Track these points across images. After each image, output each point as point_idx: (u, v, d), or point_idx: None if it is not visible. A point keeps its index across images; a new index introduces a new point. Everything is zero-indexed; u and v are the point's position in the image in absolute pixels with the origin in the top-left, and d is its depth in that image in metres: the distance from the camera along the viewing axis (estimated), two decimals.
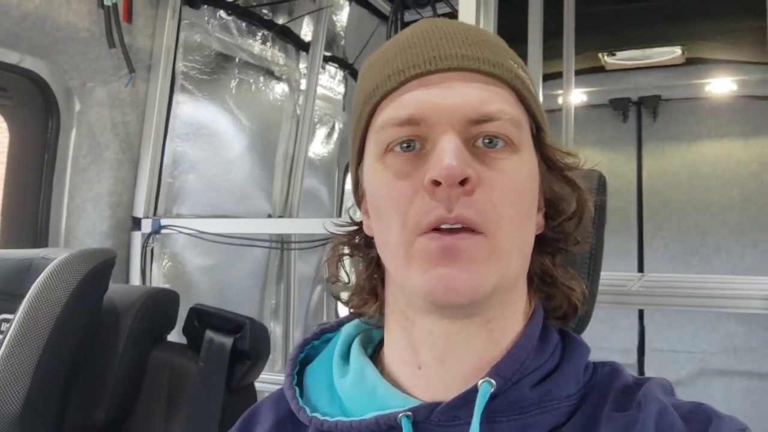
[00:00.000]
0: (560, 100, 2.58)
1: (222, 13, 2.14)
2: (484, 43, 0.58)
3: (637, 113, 3.77)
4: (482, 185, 0.53)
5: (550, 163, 0.61)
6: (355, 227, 0.68)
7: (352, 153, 0.64)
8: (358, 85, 0.64)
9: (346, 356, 0.65)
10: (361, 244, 0.67)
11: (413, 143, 0.56)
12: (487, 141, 0.55)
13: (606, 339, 3.48)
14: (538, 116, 0.60)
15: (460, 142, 0.54)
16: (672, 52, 3.20)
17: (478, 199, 0.53)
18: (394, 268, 0.59)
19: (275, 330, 2.55)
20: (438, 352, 0.58)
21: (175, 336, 1.25)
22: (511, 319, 0.59)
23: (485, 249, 0.53)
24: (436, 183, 0.52)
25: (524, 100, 0.59)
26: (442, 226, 0.53)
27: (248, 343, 1.10)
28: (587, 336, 0.64)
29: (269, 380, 1.54)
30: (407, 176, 0.55)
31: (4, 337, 0.99)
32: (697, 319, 3.58)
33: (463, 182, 0.52)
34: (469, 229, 0.53)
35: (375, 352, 0.66)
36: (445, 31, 0.58)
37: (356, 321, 0.69)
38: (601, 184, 0.73)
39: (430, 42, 0.57)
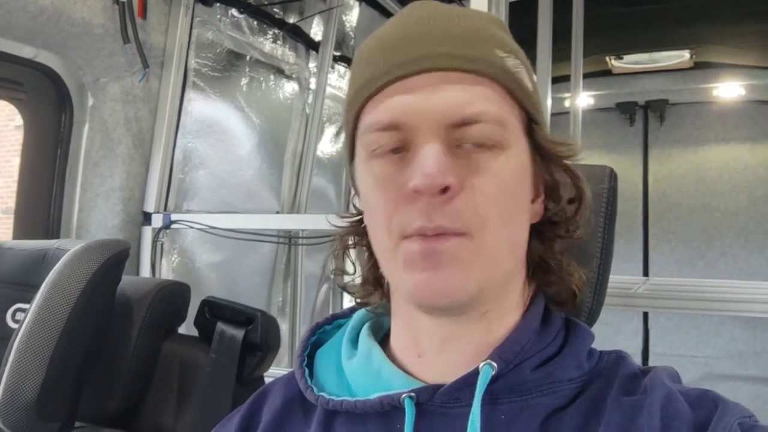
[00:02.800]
0: (567, 103, 2.59)
1: (234, 11, 2.16)
2: (469, 36, 0.57)
3: (644, 117, 3.77)
4: (464, 190, 0.54)
5: (543, 154, 0.61)
6: (359, 217, 0.68)
7: (346, 150, 0.64)
8: (349, 79, 0.64)
9: (355, 340, 0.66)
10: (364, 234, 0.67)
11: (397, 148, 0.56)
12: (471, 143, 0.55)
13: (610, 342, 3.46)
14: (530, 106, 0.59)
15: (441, 148, 0.53)
16: (680, 56, 3.20)
17: (459, 206, 0.53)
18: (383, 267, 0.60)
19: (282, 326, 2.56)
20: (436, 344, 0.60)
21: (185, 329, 1.26)
22: (509, 309, 0.60)
23: (470, 249, 0.54)
24: (418, 191, 0.53)
25: (512, 92, 0.57)
26: (426, 234, 0.54)
27: (259, 336, 1.11)
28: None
29: (277, 374, 1.55)
30: (391, 182, 0.55)
31: (20, 327, 1.00)
32: (702, 324, 3.57)
33: (444, 190, 0.52)
34: (451, 233, 0.54)
35: (384, 337, 0.67)
36: (428, 25, 0.57)
37: (366, 308, 0.70)
38: (612, 180, 0.74)
39: (411, 39, 0.56)
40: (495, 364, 0.55)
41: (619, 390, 0.57)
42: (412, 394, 0.57)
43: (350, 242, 0.69)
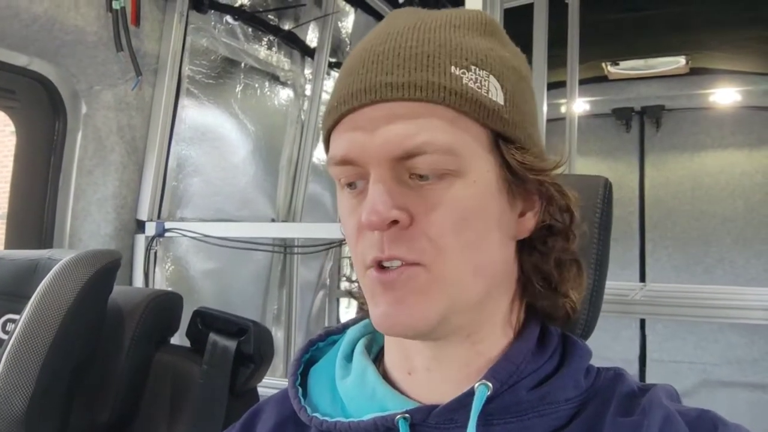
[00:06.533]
0: (563, 109, 2.59)
1: (228, 18, 2.15)
2: (418, 57, 0.54)
3: (640, 123, 3.77)
4: (417, 222, 0.53)
5: (513, 171, 0.57)
6: None
7: None
8: None
9: (349, 358, 0.65)
10: None
11: (354, 183, 0.56)
12: (418, 176, 0.54)
13: (607, 349, 3.47)
14: (495, 123, 0.55)
15: (388, 183, 0.53)
16: (676, 62, 3.21)
17: (413, 237, 0.53)
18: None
19: (277, 335, 2.55)
20: (424, 361, 0.59)
21: (177, 340, 1.25)
22: (494, 329, 0.59)
23: (426, 279, 0.53)
24: (365, 227, 0.53)
25: (468, 114, 0.54)
26: (383, 264, 0.54)
27: (252, 347, 1.10)
28: (588, 345, 0.64)
29: (271, 385, 1.54)
30: (353, 213, 0.56)
31: (10, 338, 0.99)
32: (699, 330, 3.57)
33: (392, 224, 0.53)
34: (406, 264, 0.54)
35: (378, 355, 0.66)
36: (381, 49, 0.56)
37: (361, 324, 0.69)
38: (607, 190, 0.73)
39: (362, 67, 0.55)
40: (490, 385, 0.54)
41: (616, 410, 0.56)
42: (407, 415, 0.56)
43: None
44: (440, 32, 0.57)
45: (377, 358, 0.65)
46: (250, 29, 2.27)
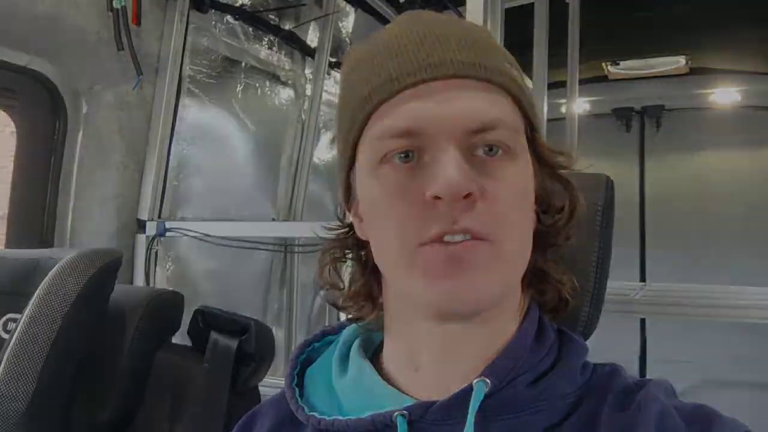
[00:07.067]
0: (564, 109, 2.59)
1: (229, 17, 2.16)
2: (479, 45, 0.57)
3: (640, 123, 3.77)
4: (484, 197, 0.53)
5: (543, 163, 0.62)
6: (346, 229, 0.67)
7: (343, 158, 0.62)
8: (344, 86, 0.62)
9: (345, 357, 0.65)
10: (354, 247, 0.66)
11: (412, 154, 0.55)
12: (487, 149, 0.55)
13: (608, 348, 3.45)
14: (532, 116, 0.60)
15: (460, 154, 0.53)
16: (676, 62, 3.21)
17: (482, 211, 0.53)
18: (394, 278, 0.59)
19: (278, 334, 2.55)
20: (435, 355, 0.59)
21: (179, 339, 1.25)
22: (509, 317, 0.60)
23: (490, 255, 0.53)
24: (438, 198, 0.52)
25: (519, 102, 0.58)
26: (446, 238, 0.53)
27: (253, 345, 1.10)
28: (588, 346, 0.64)
29: (272, 384, 1.54)
30: (406, 189, 0.55)
31: (11, 337, 0.99)
32: (700, 330, 3.56)
33: (465, 196, 0.52)
34: (473, 238, 0.53)
35: (375, 354, 0.66)
36: (438, 32, 0.57)
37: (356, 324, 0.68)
38: (608, 188, 0.73)
39: (423, 45, 0.56)
40: (488, 381, 0.54)
41: (612, 406, 0.56)
42: (405, 412, 0.56)
43: (337, 255, 0.67)
44: (477, 29, 0.61)
45: (373, 357, 0.65)
46: (250, 29, 2.27)
